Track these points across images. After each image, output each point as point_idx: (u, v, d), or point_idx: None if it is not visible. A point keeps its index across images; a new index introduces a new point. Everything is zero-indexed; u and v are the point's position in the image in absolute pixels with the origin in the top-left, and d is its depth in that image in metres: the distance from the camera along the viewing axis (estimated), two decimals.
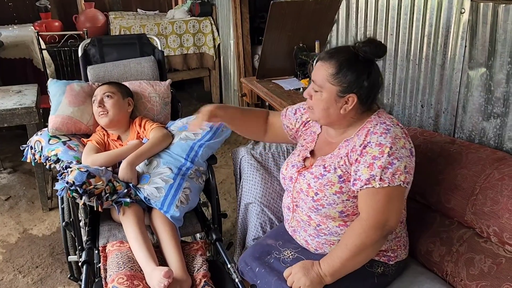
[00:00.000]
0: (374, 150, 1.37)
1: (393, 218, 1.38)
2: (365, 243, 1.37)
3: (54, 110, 2.07)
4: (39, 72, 4.05)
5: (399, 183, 1.35)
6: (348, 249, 1.38)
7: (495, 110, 1.70)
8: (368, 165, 1.36)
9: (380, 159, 1.35)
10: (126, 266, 1.56)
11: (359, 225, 1.39)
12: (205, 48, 4.74)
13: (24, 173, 3.49)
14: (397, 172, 1.35)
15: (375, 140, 1.38)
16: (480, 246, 1.51)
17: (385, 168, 1.34)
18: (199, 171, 1.89)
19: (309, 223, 1.55)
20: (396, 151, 1.36)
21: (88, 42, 2.38)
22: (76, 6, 5.51)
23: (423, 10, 1.94)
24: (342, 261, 1.39)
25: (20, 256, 2.55)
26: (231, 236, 2.67)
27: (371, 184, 1.35)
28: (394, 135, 1.38)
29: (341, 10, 2.56)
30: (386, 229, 1.38)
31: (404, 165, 1.36)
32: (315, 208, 1.49)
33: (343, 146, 1.47)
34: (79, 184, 1.65)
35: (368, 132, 1.41)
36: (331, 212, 1.46)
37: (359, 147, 1.40)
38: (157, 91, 2.22)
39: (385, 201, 1.36)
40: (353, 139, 1.44)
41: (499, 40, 1.61)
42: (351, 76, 1.39)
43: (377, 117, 1.45)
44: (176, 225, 1.76)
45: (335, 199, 1.44)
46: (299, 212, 1.58)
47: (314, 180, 1.48)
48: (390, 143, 1.36)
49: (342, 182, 1.43)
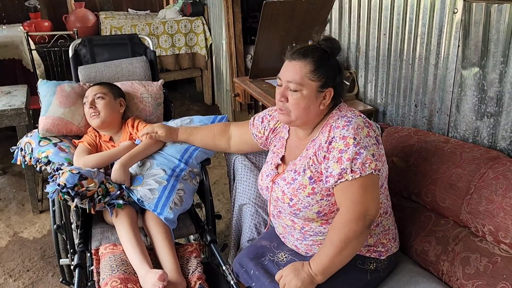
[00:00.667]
0: (340, 144, 1.38)
1: (372, 207, 1.38)
2: (349, 237, 1.36)
3: (44, 111, 2.04)
4: (29, 72, 4.00)
5: (370, 171, 1.36)
6: (333, 245, 1.38)
7: (489, 110, 1.70)
8: (337, 160, 1.38)
9: (347, 151, 1.37)
10: (120, 269, 1.53)
11: (340, 219, 1.39)
12: (197, 48, 4.72)
13: (14, 175, 3.44)
14: (367, 161, 1.36)
15: (339, 134, 1.40)
16: (475, 245, 1.51)
17: (354, 159, 1.36)
18: (193, 172, 1.87)
19: (294, 227, 1.56)
20: (361, 140, 1.37)
21: (78, 42, 2.35)
22: (66, 6, 5.45)
23: (416, 10, 1.95)
24: (329, 258, 1.39)
25: (10, 259, 2.51)
26: (225, 238, 2.66)
27: (344, 178, 1.37)
28: (356, 126, 1.40)
29: (334, 10, 2.56)
30: (368, 219, 1.38)
31: (371, 153, 1.37)
32: (293, 213, 1.50)
33: (310, 147, 1.49)
34: (71, 186, 1.62)
35: (331, 128, 1.43)
36: (309, 214, 1.47)
37: (325, 144, 1.42)
38: (150, 91, 2.19)
39: (361, 192, 1.37)
40: (318, 137, 1.47)
41: (492, 40, 1.62)
42: (328, 71, 1.43)
43: (338, 111, 1.48)
44: (170, 227, 1.74)
45: (310, 201, 1.45)
46: (283, 218, 1.59)
47: (287, 186, 1.50)
48: (353, 134, 1.38)
49: (314, 183, 1.44)
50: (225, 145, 1.87)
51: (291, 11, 2.50)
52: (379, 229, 1.53)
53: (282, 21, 2.53)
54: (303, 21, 2.58)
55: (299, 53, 1.44)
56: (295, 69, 1.43)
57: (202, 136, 1.88)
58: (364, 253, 1.51)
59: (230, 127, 1.87)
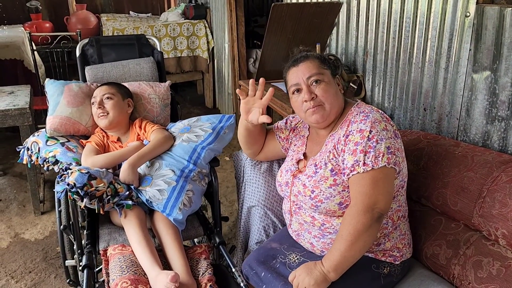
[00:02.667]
0: (356, 137, 1.41)
1: (381, 200, 1.38)
2: (358, 229, 1.35)
3: (52, 110, 2.02)
4: (30, 73, 3.97)
5: (383, 164, 1.37)
6: (344, 239, 1.37)
7: (500, 113, 1.71)
8: (352, 152, 1.40)
9: (361, 144, 1.39)
10: (130, 270, 1.52)
11: (349, 212, 1.40)
12: (199, 51, 4.72)
13: (14, 176, 3.41)
14: (380, 154, 1.37)
15: (356, 128, 1.43)
16: (487, 249, 1.50)
17: (367, 152, 1.38)
18: (201, 173, 1.86)
19: (313, 224, 1.54)
20: (377, 133, 1.39)
21: (86, 42, 2.34)
22: (67, 8, 5.45)
23: (427, 14, 1.95)
24: (341, 253, 1.38)
25: (12, 261, 2.48)
26: (229, 240, 2.64)
27: (356, 170, 1.38)
28: (374, 119, 1.43)
29: (341, 13, 2.56)
30: (376, 212, 1.37)
31: (386, 145, 1.39)
32: (314, 206, 1.50)
33: (329, 141, 1.52)
34: (80, 186, 1.60)
35: (349, 123, 1.47)
36: (330, 205, 1.47)
37: (343, 138, 1.45)
38: (157, 92, 2.18)
39: (371, 185, 1.37)
40: (337, 132, 1.50)
41: (505, 43, 1.62)
42: (330, 63, 1.57)
43: (357, 108, 1.52)
44: (179, 228, 1.73)
45: (332, 192, 1.46)
46: (302, 214, 1.57)
47: (308, 179, 1.51)
48: (370, 127, 1.41)
49: (335, 175, 1.46)
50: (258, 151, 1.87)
51: (298, 14, 2.50)
52: (397, 233, 1.52)
53: (290, 24, 2.53)
54: (310, 24, 2.58)
55: (301, 57, 1.56)
56: (308, 66, 1.52)
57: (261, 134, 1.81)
58: (379, 257, 1.50)
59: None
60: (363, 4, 2.36)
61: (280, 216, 1.89)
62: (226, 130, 1.97)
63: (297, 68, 1.53)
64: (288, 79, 1.58)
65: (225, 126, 1.98)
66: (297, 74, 1.53)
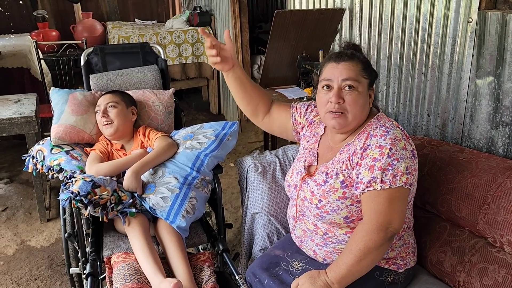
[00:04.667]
0: (374, 152, 1.37)
1: (396, 220, 1.36)
2: (369, 247, 1.34)
3: (56, 119, 2.04)
4: (37, 81, 4.02)
5: (400, 184, 1.35)
6: (352, 254, 1.36)
7: (504, 119, 1.70)
8: (369, 167, 1.36)
9: (380, 160, 1.35)
10: (133, 278, 1.52)
11: (362, 228, 1.37)
12: (203, 58, 4.74)
13: (21, 183, 3.43)
14: (398, 173, 1.34)
15: (375, 143, 1.39)
16: (493, 256, 1.49)
17: (385, 170, 1.34)
18: (205, 180, 1.87)
19: (316, 232, 1.53)
20: (396, 152, 1.36)
21: (90, 51, 2.36)
22: (73, 16, 5.50)
23: (429, 20, 1.95)
24: (347, 267, 1.36)
25: (18, 268, 2.49)
26: (234, 247, 2.64)
27: (372, 187, 1.35)
28: (394, 137, 1.39)
29: (344, 19, 2.57)
30: (390, 231, 1.36)
31: (405, 165, 1.36)
32: (319, 215, 1.48)
33: (344, 151, 1.47)
34: (84, 194, 1.61)
35: (368, 135, 1.42)
36: (336, 218, 1.45)
37: (360, 150, 1.40)
38: (161, 100, 2.19)
39: (387, 203, 1.35)
40: (353, 143, 1.45)
41: (508, 49, 1.62)
42: (372, 71, 1.48)
43: (377, 120, 1.47)
44: (182, 235, 1.73)
45: (339, 205, 1.43)
46: (305, 221, 1.56)
47: (317, 187, 1.48)
48: (390, 144, 1.37)
49: (345, 188, 1.43)
50: (262, 113, 1.74)
51: (301, 20, 2.51)
52: (400, 243, 1.51)
53: (293, 31, 2.54)
54: (313, 31, 2.59)
55: (346, 55, 1.46)
56: (349, 68, 1.43)
57: (254, 87, 1.72)
58: (382, 264, 1.49)
59: (272, 104, 1.77)
60: (365, 10, 2.36)
61: (284, 222, 1.89)
62: (229, 137, 1.98)
63: (337, 65, 1.45)
64: (324, 71, 1.49)
65: (228, 133, 1.98)
66: (334, 71, 1.45)
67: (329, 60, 1.49)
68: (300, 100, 2.63)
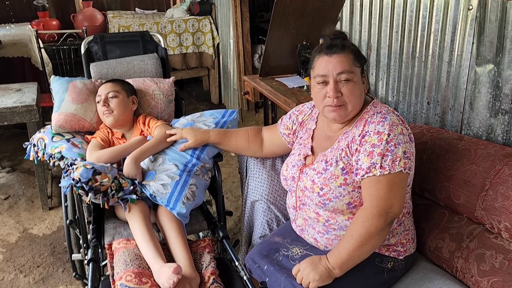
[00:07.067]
0: (373, 139, 1.39)
1: (396, 205, 1.38)
2: (370, 232, 1.36)
3: (57, 107, 2.05)
4: (37, 71, 4.01)
5: (399, 169, 1.37)
6: (353, 239, 1.38)
7: (503, 107, 1.70)
8: (368, 153, 1.38)
9: (379, 146, 1.37)
10: (134, 263, 1.54)
11: (363, 214, 1.39)
12: (204, 47, 4.73)
13: (23, 172, 3.45)
14: (397, 159, 1.37)
15: (373, 129, 1.41)
16: (490, 242, 1.50)
17: (384, 156, 1.36)
18: (205, 168, 1.88)
19: (317, 220, 1.54)
20: (394, 137, 1.38)
21: (90, 39, 2.36)
22: (73, 5, 5.48)
23: (429, 7, 1.94)
24: (348, 252, 1.38)
25: (20, 255, 2.52)
26: (234, 235, 2.66)
27: (372, 173, 1.37)
28: (391, 122, 1.41)
29: (345, 7, 2.55)
30: (390, 216, 1.37)
31: (403, 150, 1.38)
32: (322, 203, 1.49)
33: (342, 139, 1.49)
34: (85, 181, 1.63)
35: (366, 122, 1.44)
36: (339, 205, 1.46)
37: (358, 137, 1.42)
38: (161, 88, 2.20)
39: (387, 188, 1.37)
40: (351, 131, 1.47)
41: (508, 36, 1.61)
42: (362, 58, 1.50)
43: (373, 107, 1.49)
44: (183, 222, 1.74)
45: (341, 191, 1.45)
46: (306, 210, 1.57)
47: (318, 175, 1.49)
48: (388, 130, 1.39)
49: (346, 174, 1.44)
50: (258, 148, 1.87)
51: (302, 9, 2.50)
52: (401, 229, 1.52)
53: (293, 19, 2.54)
54: (313, 19, 2.58)
55: (336, 47, 1.45)
56: (342, 60, 1.43)
57: (237, 140, 1.87)
58: (383, 251, 1.51)
59: (262, 131, 1.88)
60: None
61: (284, 210, 1.90)
62: (229, 125, 1.98)
63: (330, 59, 1.44)
64: (316, 66, 1.48)
65: (228, 121, 1.99)
66: (327, 65, 1.44)
67: (320, 53, 1.48)
68: (300, 88, 2.63)
